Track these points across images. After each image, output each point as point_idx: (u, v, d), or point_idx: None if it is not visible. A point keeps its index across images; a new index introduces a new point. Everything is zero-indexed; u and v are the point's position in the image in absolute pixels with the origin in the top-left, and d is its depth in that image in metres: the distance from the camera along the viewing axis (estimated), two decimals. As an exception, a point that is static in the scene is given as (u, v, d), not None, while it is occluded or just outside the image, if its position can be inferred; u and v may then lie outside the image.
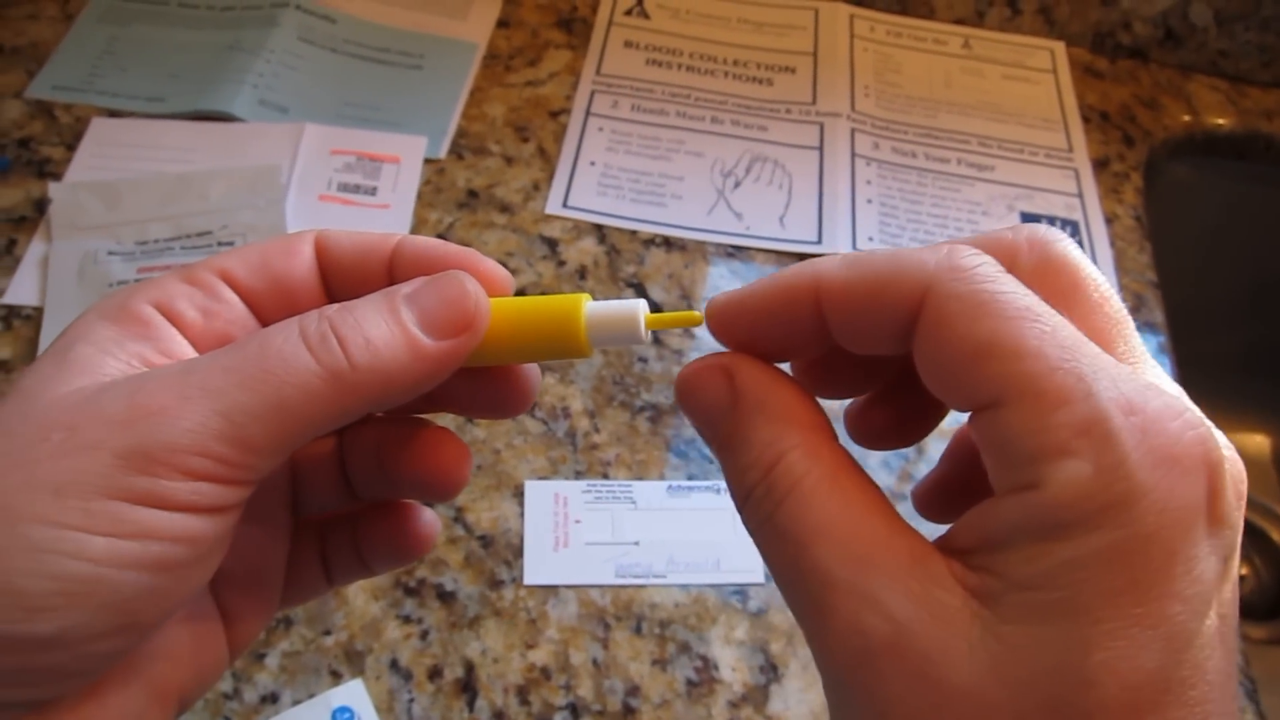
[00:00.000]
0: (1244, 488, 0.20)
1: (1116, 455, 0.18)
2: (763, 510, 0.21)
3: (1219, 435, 0.20)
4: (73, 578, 0.19)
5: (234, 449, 0.21)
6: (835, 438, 0.22)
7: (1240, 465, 0.20)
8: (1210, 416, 0.20)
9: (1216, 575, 0.19)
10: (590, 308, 0.25)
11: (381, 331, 0.22)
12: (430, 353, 0.23)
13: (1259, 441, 0.87)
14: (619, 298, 0.61)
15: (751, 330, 0.23)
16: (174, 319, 0.24)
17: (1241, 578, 0.82)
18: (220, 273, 0.25)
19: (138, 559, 0.20)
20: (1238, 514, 0.19)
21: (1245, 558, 0.83)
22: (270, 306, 0.25)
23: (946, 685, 0.18)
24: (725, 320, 0.24)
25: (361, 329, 0.22)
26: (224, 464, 0.21)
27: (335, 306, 0.23)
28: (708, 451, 0.55)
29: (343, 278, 0.26)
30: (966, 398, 0.20)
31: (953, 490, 0.26)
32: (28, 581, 0.19)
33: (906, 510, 0.23)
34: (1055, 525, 0.18)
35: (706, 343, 0.60)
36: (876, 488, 0.22)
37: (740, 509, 0.23)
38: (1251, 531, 0.84)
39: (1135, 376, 0.20)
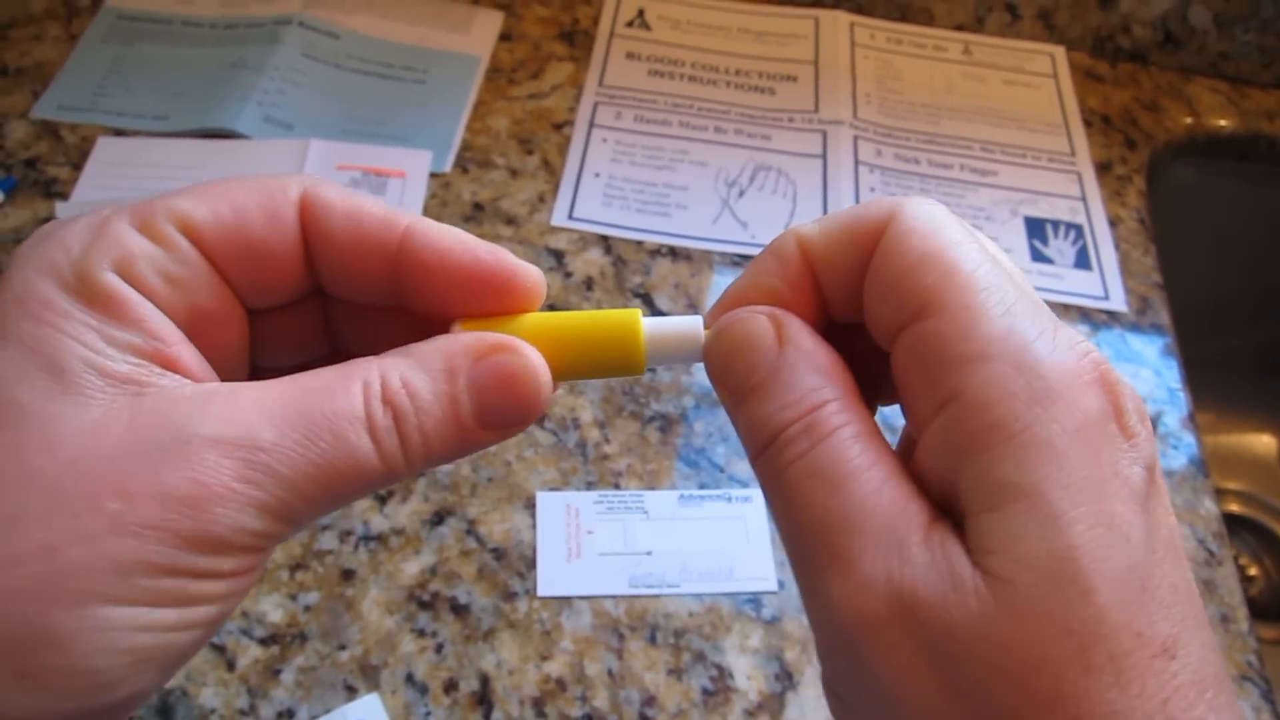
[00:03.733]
0: (1145, 410, 0.21)
1: (1032, 358, 0.20)
2: (794, 450, 0.21)
3: None
4: (143, 649, 0.19)
5: (284, 525, 0.21)
6: (864, 403, 0.23)
7: (1137, 392, 0.22)
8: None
9: (1144, 483, 0.20)
10: (649, 326, 0.24)
11: (439, 426, 0.22)
12: (479, 441, 0.23)
13: (1266, 441, 0.87)
14: (624, 306, 0.61)
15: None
16: (141, 288, 0.21)
17: (1251, 578, 0.82)
18: (182, 224, 0.22)
19: (200, 620, 0.20)
20: (1143, 430, 0.21)
21: (1254, 558, 0.83)
22: (237, 273, 0.23)
23: (957, 632, 0.19)
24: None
25: (423, 425, 0.22)
26: (273, 537, 0.21)
27: (397, 382, 0.22)
28: (718, 460, 0.55)
29: (333, 257, 0.23)
30: (901, 309, 0.22)
31: None
32: (102, 660, 0.19)
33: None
34: (988, 429, 0.20)
35: (715, 351, 0.60)
36: (895, 454, 0.22)
37: (761, 451, 0.22)
38: (1260, 532, 0.84)
39: (1044, 308, 0.22)
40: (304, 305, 0.26)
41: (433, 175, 0.67)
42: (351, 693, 0.46)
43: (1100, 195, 0.71)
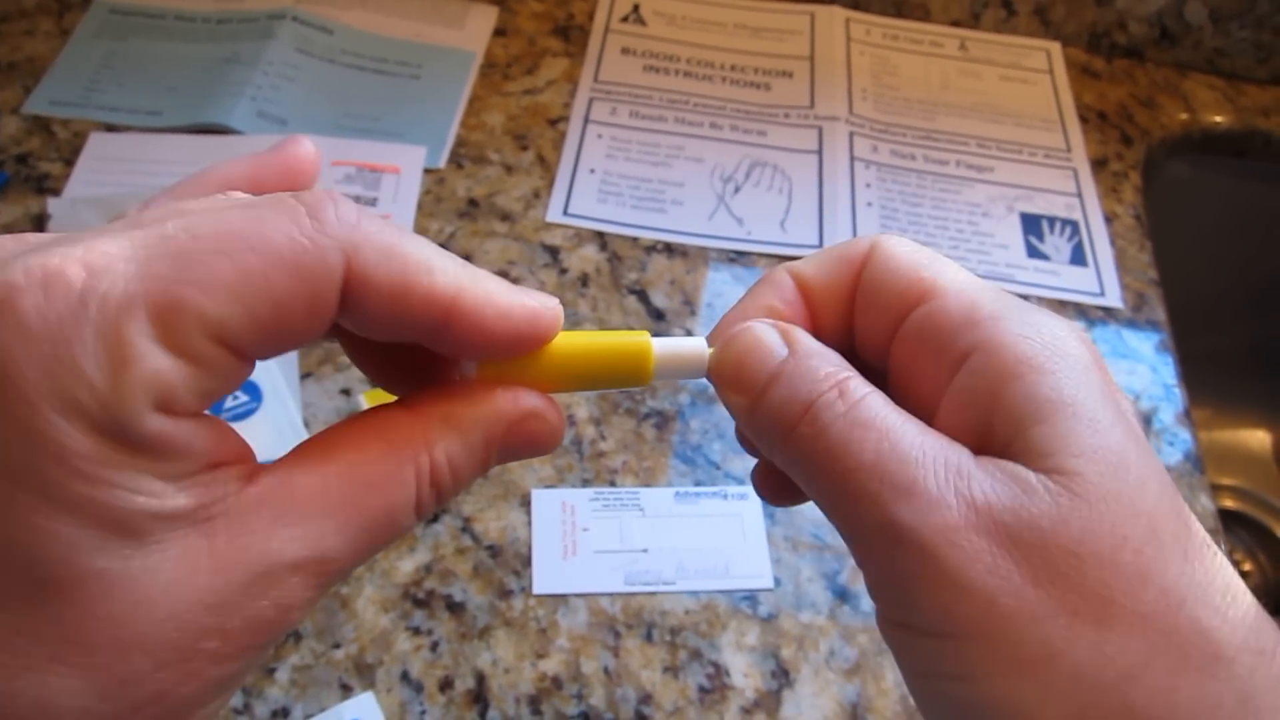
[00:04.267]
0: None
1: (1033, 318, 0.24)
2: (834, 411, 0.23)
3: None
4: None
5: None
6: None
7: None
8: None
9: (1140, 430, 0.23)
10: (658, 348, 0.25)
11: (469, 481, 0.24)
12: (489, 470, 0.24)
13: (1260, 437, 0.87)
14: (622, 309, 0.61)
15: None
16: (184, 414, 0.20)
17: (1246, 574, 0.83)
18: (218, 338, 0.19)
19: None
20: (1119, 391, 0.24)
21: (1250, 554, 0.84)
22: (258, 357, 0.21)
23: (1038, 524, 0.21)
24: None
25: (458, 489, 0.23)
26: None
27: (444, 463, 0.22)
28: (714, 458, 0.55)
29: (369, 331, 0.22)
30: (901, 302, 0.25)
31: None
32: None
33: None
34: (1016, 361, 0.23)
35: (710, 348, 0.60)
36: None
37: (794, 427, 0.23)
38: (1256, 528, 0.85)
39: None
40: None
41: (427, 171, 0.67)
42: (346, 691, 0.46)
43: (1096, 191, 0.71)
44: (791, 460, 0.24)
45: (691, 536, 0.52)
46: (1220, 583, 0.21)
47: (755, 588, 0.51)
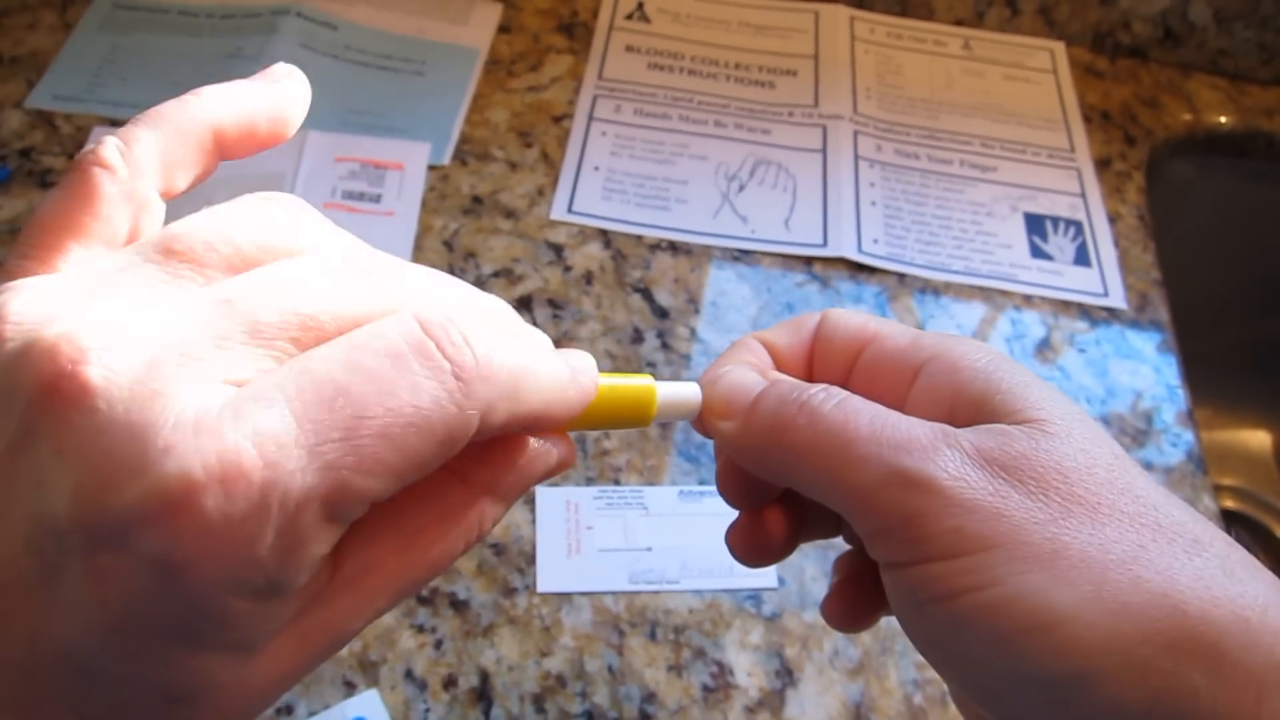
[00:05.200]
0: None
1: (970, 344, 0.29)
2: (827, 402, 0.26)
3: None
4: None
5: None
6: None
7: None
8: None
9: None
10: (661, 394, 0.28)
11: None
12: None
13: (1262, 438, 0.87)
14: (626, 306, 0.61)
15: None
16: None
17: (1245, 574, 0.82)
18: (368, 504, 0.20)
19: None
20: None
21: (1250, 554, 0.83)
22: None
23: (1026, 455, 0.25)
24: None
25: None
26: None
27: (489, 528, 0.25)
28: (718, 456, 0.55)
29: None
30: (852, 345, 0.31)
31: (857, 594, 0.32)
32: None
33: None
34: (967, 356, 0.28)
35: (713, 346, 0.60)
36: None
37: (791, 420, 0.27)
38: (1254, 528, 0.85)
39: None
40: None
41: (431, 168, 0.67)
42: (350, 689, 0.46)
43: (1100, 191, 0.71)
44: (787, 453, 0.27)
45: (695, 535, 0.52)
46: (1176, 500, 0.25)
47: (759, 587, 0.51)
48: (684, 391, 0.29)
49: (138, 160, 0.23)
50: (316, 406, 0.19)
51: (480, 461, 0.24)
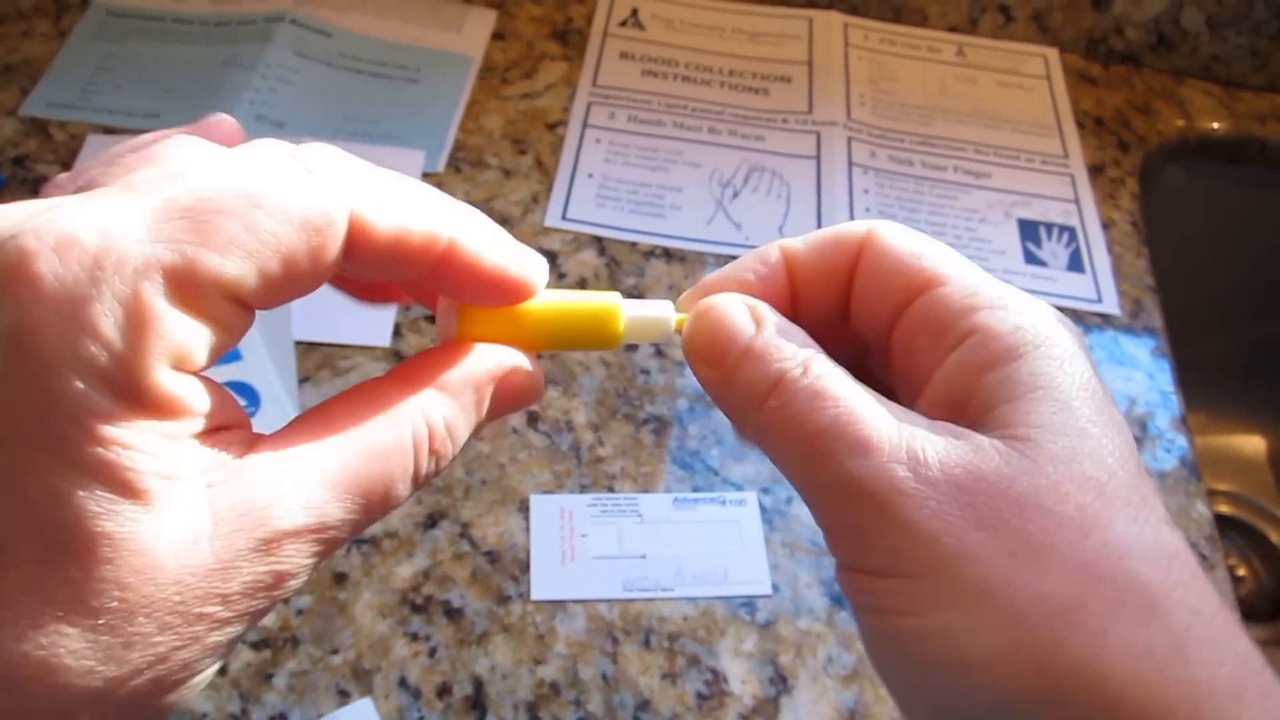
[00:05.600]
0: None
1: (1030, 309, 0.25)
2: (799, 385, 0.24)
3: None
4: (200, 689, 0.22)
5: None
6: None
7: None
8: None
9: (1120, 423, 0.25)
10: (627, 311, 0.27)
11: (465, 435, 0.24)
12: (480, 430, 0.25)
13: (1256, 443, 0.88)
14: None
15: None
16: (194, 371, 0.20)
17: (1240, 579, 0.83)
18: (232, 296, 0.20)
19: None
20: (1104, 391, 0.25)
21: (1244, 559, 0.84)
22: (265, 308, 0.22)
23: (985, 477, 0.22)
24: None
25: (455, 453, 0.24)
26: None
27: (442, 427, 0.23)
28: (712, 463, 0.55)
29: (367, 275, 0.23)
30: (907, 288, 0.26)
31: None
32: (172, 710, 0.21)
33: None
34: (1006, 350, 0.24)
35: (709, 354, 0.60)
36: None
37: (762, 402, 0.25)
38: (1250, 533, 0.85)
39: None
40: None
41: (425, 175, 0.67)
42: (344, 697, 0.46)
43: (1093, 198, 0.71)
44: (759, 429, 0.25)
45: (690, 542, 0.52)
46: (1168, 548, 0.22)
47: (753, 594, 0.51)
48: (655, 310, 0.27)
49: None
50: (164, 197, 0.20)
51: (422, 360, 0.24)
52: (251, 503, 0.21)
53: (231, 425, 0.21)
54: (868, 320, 0.28)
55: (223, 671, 0.46)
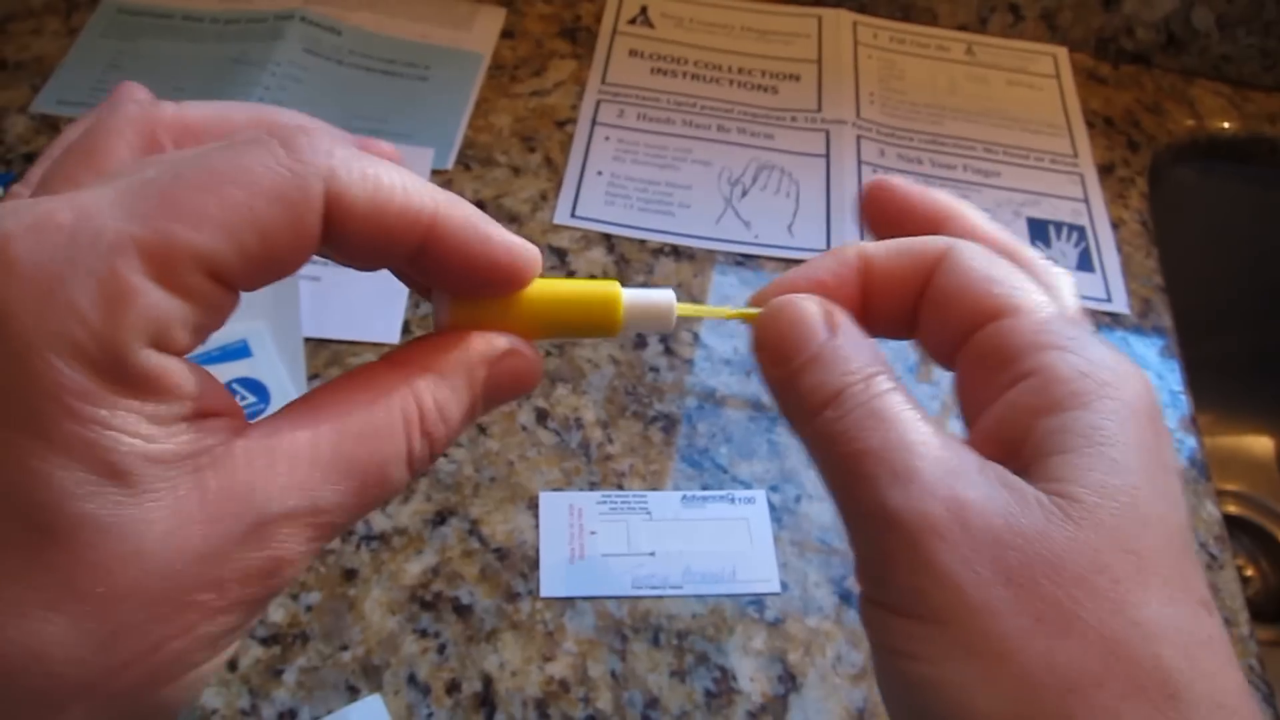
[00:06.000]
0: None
1: (1099, 354, 0.24)
2: (856, 400, 0.24)
3: None
4: (210, 677, 0.22)
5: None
6: None
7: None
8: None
9: (1176, 488, 0.24)
10: (627, 297, 0.26)
11: (459, 428, 0.24)
12: (478, 417, 0.25)
13: (1264, 443, 0.87)
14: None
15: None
16: (176, 352, 0.20)
17: (1248, 579, 0.83)
18: (210, 271, 0.20)
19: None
20: (1168, 446, 0.25)
21: (1252, 560, 0.84)
22: (248, 289, 0.22)
23: (1024, 533, 0.22)
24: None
25: (450, 437, 0.24)
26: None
27: (433, 409, 0.23)
28: (721, 461, 0.55)
29: (350, 255, 0.23)
30: (976, 314, 0.25)
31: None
32: (186, 704, 0.21)
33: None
34: (1067, 396, 0.23)
35: (717, 352, 0.60)
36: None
37: (819, 410, 0.24)
38: (1258, 534, 0.85)
39: (1084, 319, 0.27)
40: None
41: (435, 173, 0.67)
42: (353, 693, 0.46)
43: (1103, 197, 0.71)
44: (811, 437, 0.25)
45: (698, 540, 0.52)
46: (1201, 634, 0.21)
47: (762, 592, 0.51)
48: (656, 297, 0.26)
49: None
50: (140, 181, 0.20)
51: (414, 345, 0.24)
52: (242, 487, 0.20)
53: (222, 412, 0.21)
54: (934, 337, 0.27)
55: (232, 667, 0.46)
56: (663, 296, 0.26)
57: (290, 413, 0.22)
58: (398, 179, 0.22)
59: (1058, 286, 0.27)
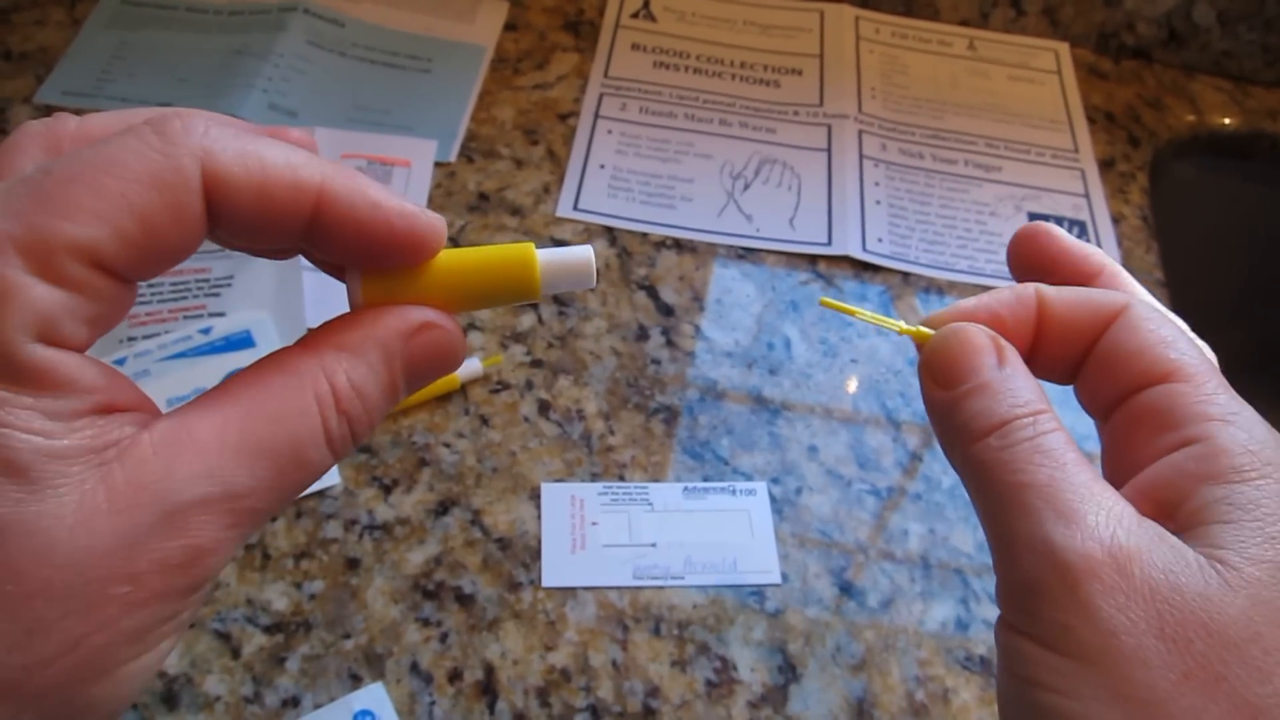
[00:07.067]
0: None
1: (1261, 431, 0.24)
2: (1024, 434, 0.24)
3: None
4: (148, 676, 0.21)
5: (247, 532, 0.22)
6: None
7: None
8: None
9: None
10: (543, 257, 0.25)
11: (382, 411, 0.24)
12: (401, 397, 0.24)
13: (1263, 439, 0.87)
14: (631, 304, 0.61)
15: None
16: (67, 345, 0.20)
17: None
18: (90, 260, 0.20)
19: (181, 630, 0.22)
20: None
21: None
22: (142, 275, 0.21)
23: (1182, 591, 0.22)
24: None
25: (371, 418, 0.24)
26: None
27: (346, 386, 0.23)
28: (722, 453, 0.55)
29: (240, 233, 0.23)
30: (1147, 374, 0.25)
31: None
32: (121, 705, 0.21)
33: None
34: (1231, 468, 0.23)
35: (718, 344, 0.60)
36: None
37: (981, 436, 0.25)
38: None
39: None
40: None
41: (438, 165, 0.67)
42: (356, 681, 0.47)
43: (1103, 192, 0.71)
44: (968, 460, 0.25)
45: (699, 531, 0.52)
46: None
47: (762, 583, 0.51)
48: (572, 254, 0.26)
49: None
50: (14, 181, 0.20)
51: (327, 326, 0.24)
52: (149, 476, 0.20)
53: (129, 407, 0.21)
54: (1095, 388, 0.27)
55: (236, 655, 0.47)
56: (580, 252, 0.26)
57: (201, 401, 0.22)
58: (281, 154, 0.22)
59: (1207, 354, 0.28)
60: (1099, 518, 0.23)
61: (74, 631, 0.19)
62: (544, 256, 0.25)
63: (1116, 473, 0.26)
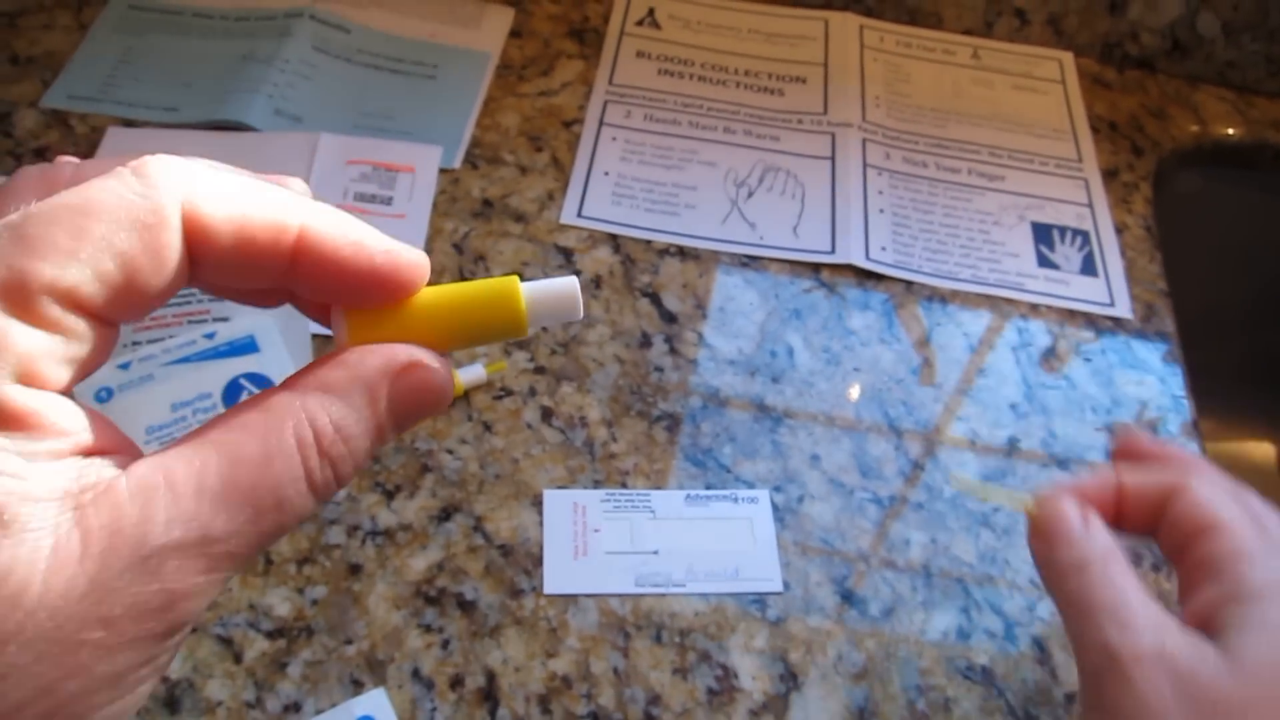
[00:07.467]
0: None
1: (1277, 564, 0.34)
2: (1098, 568, 0.35)
3: None
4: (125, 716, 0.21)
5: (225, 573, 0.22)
6: None
7: None
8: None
9: None
10: (528, 290, 0.25)
11: (367, 453, 0.23)
12: (388, 439, 0.24)
13: (1266, 449, 0.87)
14: (635, 311, 0.61)
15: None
16: (46, 387, 0.20)
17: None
18: (69, 302, 0.20)
19: (162, 669, 0.22)
20: None
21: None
22: (122, 317, 0.21)
23: (1200, 676, 0.32)
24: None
25: (355, 460, 0.23)
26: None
27: (329, 428, 0.22)
28: (725, 461, 0.55)
29: (221, 275, 0.23)
30: (1197, 530, 0.36)
31: None
32: None
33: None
34: (1248, 595, 0.33)
35: (721, 351, 0.60)
36: None
37: (1069, 574, 0.35)
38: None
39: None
40: None
41: (442, 171, 0.67)
42: (358, 687, 0.47)
43: (1107, 202, 0.71)
44: (1061, 589, 0.35)
45: (702, 539, 0.52)
46: None
47: (764, 591, 0.51)
48: (557, 286, 0.25)
49: None
50: (1, 227, 0.20)
51: (310, 367, 0.23)
52: (124, 520, 0.20)
53: (110, 450, 0.21)
54: (1167, 542, 0.37)
55: (238, 660, 0.47)
56: (565, 284, 0.26)
57: (180, 443, 0.22)
58: (261, 194, 0.22)
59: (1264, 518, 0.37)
60: (1147, 624, 0.32)
61: (46, 677, 0.19)
62: (528, 290, 0.25)
63: (1184, 595, 0.35)
